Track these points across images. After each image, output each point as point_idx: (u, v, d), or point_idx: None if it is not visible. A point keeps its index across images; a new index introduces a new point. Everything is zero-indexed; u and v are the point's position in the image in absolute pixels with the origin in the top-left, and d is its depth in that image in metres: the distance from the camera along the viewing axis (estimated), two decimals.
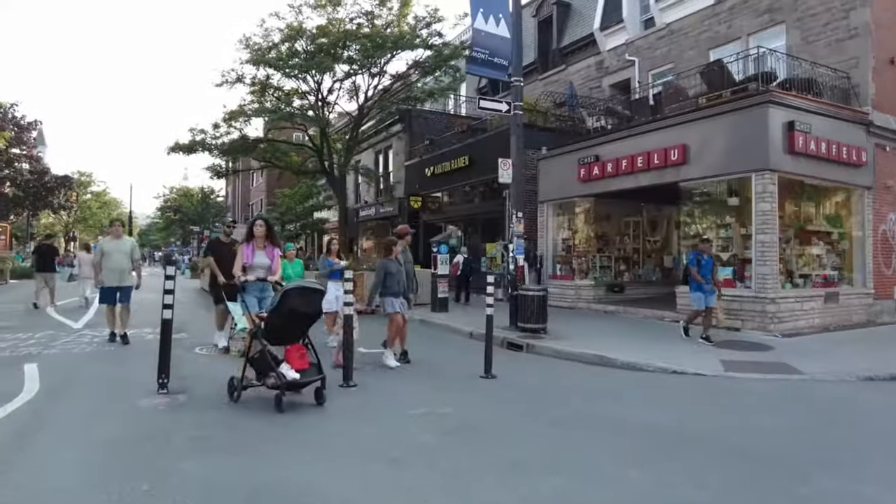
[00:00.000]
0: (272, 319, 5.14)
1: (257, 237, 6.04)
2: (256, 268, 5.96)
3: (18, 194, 37.75)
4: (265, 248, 6.09)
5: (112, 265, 8.55)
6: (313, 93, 19.81)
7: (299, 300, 5.06)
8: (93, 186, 57.35)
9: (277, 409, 4.94)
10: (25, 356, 7.58)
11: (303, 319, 5.24)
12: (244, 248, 6.03)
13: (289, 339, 5.26)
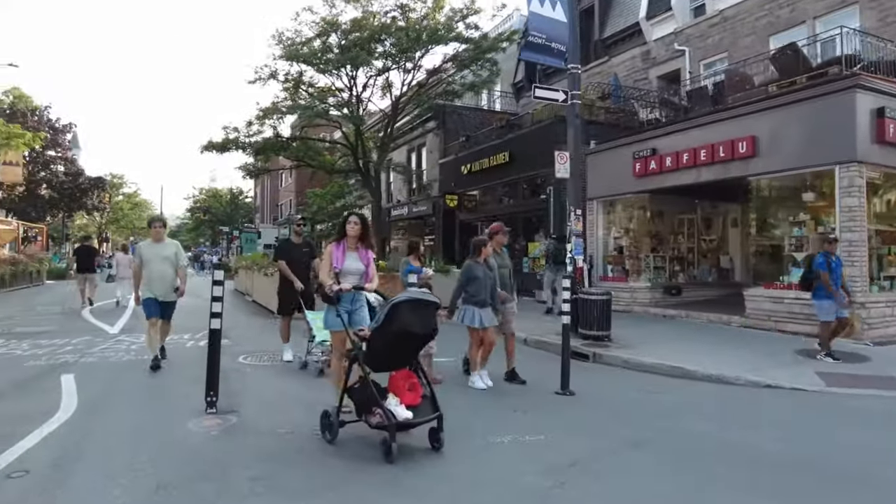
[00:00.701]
0: (376, 340, 4.09)
1: (349, 236, 4.98)
2: (348, 274, 4.92)
3: (54, 196, 38.21)
4: (357, 249, 5.04)
5: (153, 274, 7.03)
6: (347, 89, 19.30)
7: (412, 317, 4.00)
8: (125, 188, 57.99)
9: (386, 457, 3.86)
10: (62, 365, 7.12)
11: (414, 341, 4.21)
12: (333, 249, 4.96)
13: (395, 363, 4.22)
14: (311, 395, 5.75)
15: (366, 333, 4.20)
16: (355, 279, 4.93)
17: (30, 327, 10.60)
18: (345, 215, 5.16)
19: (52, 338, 9.18)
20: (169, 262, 7.12)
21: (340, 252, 4.95)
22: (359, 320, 4.93)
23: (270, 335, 10.28)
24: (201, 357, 7.54)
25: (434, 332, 4.25)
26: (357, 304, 5.05)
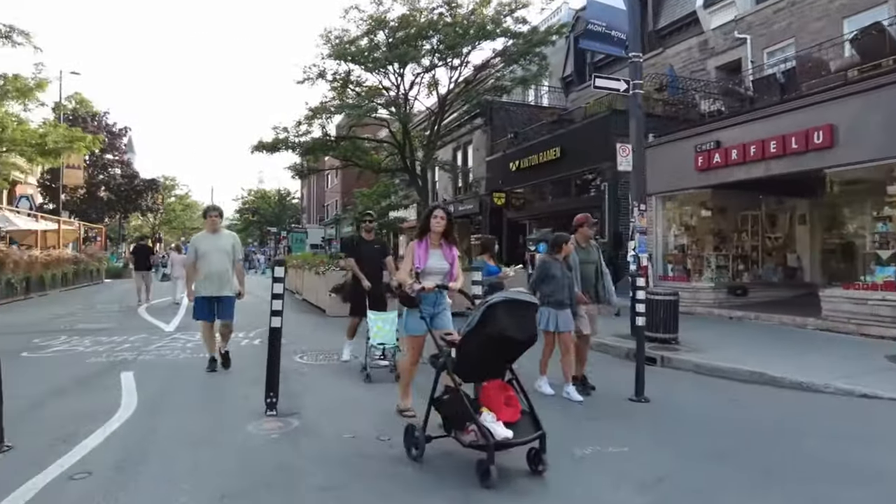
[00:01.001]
0: (468, 345, 3.60)
1: (433, 232, 4.57)
2: (431, 273, 4.49)
3: (111, 198, 39.62)
4: (441, 246, 4.63)
5: (208, 268, 6.45)
6: (394, 87, 19.17)
7: (510, 320, 3.45)
8: (176, 190, 59.72)
9: (483, 481, 3.36)
10: (122, 362, 7.12)
11: (511, 347, 3.64)
12: (416, 246, 4.56)
13: (487, 373, 3.70)
14: (371, 397, 5.54)
15: (455, 338, 3.76)
16: (438, 279, 4.49)
17: (91, 324, 10.80)
18: (429, 208, 4.73)
19: (111, 335, 9.29)
20: (225, 255, 6.52)
21: (423, 250, 4.53)
22: (442, 324, 4.50)
23: (323, 333, 10.18)
24: (256, 356, 7.46)
25: (533, 338, 3.70)
26: (440, 307, 4.61)
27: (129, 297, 16.69)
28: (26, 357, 7.49)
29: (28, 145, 19.90)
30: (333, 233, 48.88)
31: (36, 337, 9.00)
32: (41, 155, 20.53)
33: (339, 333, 10.59)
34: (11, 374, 6.44)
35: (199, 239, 6.68)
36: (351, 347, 7.33)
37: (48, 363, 7.18)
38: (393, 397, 5.32)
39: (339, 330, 10.88)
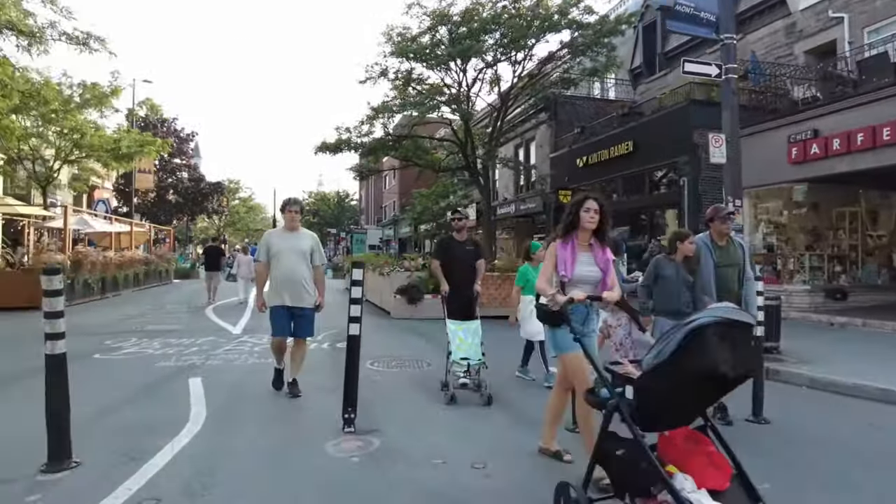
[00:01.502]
0: (658, 384, 2.49)
1: (583, 229, 3.57)
2: (581, 283, 3.50)
3: (179, 200, 41.09)
4: (592, 247, 3.62)
5: (283, 272, 5.41)
6: (456, 84, 18.73)
7: (726, 351, 2.37)
8: (240, 192, 61.51)
9: None
10: (189, 367, 6.90)
11: (721, 388, 2.63)
12: (559, 248, 3.55)
13: (678, 419, 2.66)
14: (455, 415, 5.02)
15: (629, 371, 2.70)
16: (589, 290, 3.49)
17: (160, 325, 10.81)
18: (578, 198, 3.65)
19: (179, 337, 9.19)
20: (303, 259, 5.47)
21: (569, 253, 3.51)
22: (590, 346, 3.47)
23: (390, 336, 9.80)
24: (326, 361, 7.09)
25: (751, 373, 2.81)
26: (589, 325, 3.62)
27: (196, 297, 17.01)
28: (98, 359, 7.41)
29: (104, 151, 20.62)
30: (391, 234, 49.07)
31: (108, 338, 9.00)
32: (115, 160, 21.23)
33: (407, 336, 10.32)
34: (83, 377, 6.38)
35: (272, 236, 5.67)
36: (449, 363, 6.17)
37: (118, 366, 7.05)
38: (479, 417, 4.84)
39: (405, 332, 10.56)
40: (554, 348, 3.75)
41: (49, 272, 3.40)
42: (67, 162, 20.90)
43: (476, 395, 5.50)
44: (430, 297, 12.41)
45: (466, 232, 6.48)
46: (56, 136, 19.88)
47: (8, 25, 11.29)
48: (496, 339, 6.52)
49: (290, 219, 5.60)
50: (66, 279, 14.38)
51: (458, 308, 6.02)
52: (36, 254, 15.12)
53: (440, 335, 9.93)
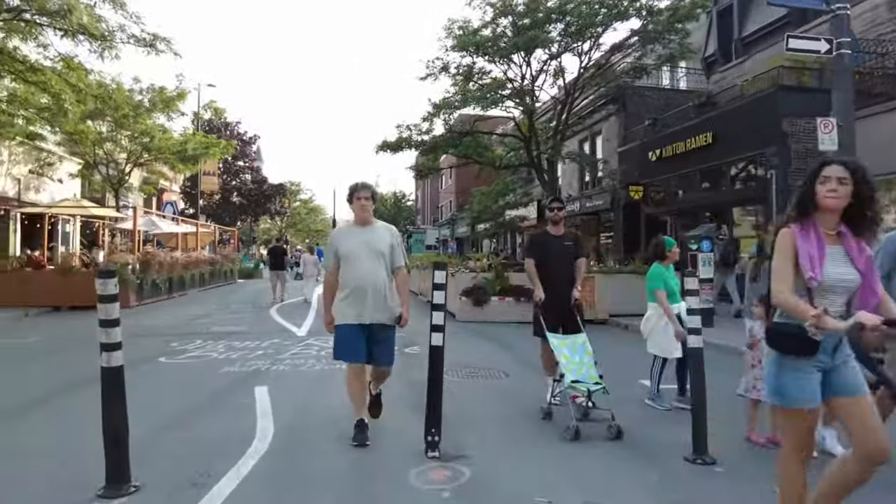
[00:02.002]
0: None
1: (826, 210, 2.46)
2: (834, 288, 2.42)
3: (243, 202, 42.07)
4: (842, 236, 2.48)
5: (355, 279, 4.16)
6: (519, 77, 18.04)
7: None
8: (301, 194, 62.65)
9: None
10: (254, 373, 6.55)
11: None
12: (797, 238, 2.44)
13: None
14: (550, 439, 4.36)
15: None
16: (843, 298, 2.44)
17: (225, 326, 10.66)
18: (818, 163, 2.54)
19: (244, 339, 8.95)
20: (380, 259, 4.19)
21: (813, 244, 2.42)
22: (846, 385, 2.44)
23: (458, 342, 9.22)
24: (396, 368, 6.59)
25: None
26: (841, 357, 2.45)
27: (260, 297, 17.09)
28: (163, 363, 7.19)
29: (171, 153, 21.09)
30: (448, 233, 48.71)
31: (174, 340, 8.85)
32: (182, 162, 21.71)
33: (476, 341, 9.65)
34: (148, 383, 6.11)
35: (340, 235, 4.44)
36: (560, 388, 4.91)
37: (183, 371, 6.79)
38: (584, 446, 4.16)
39: (473, 337, 9.91)
40: (773, 393, 2.55)
41: (104, 274, 3.00)
42: (138, 165, 21.50)
43: (602, 427, 4.35)
44: (496, 300, 11.80)
45: (563, 225, 5.34)
46: (128, 139, 20.45)
47: (80, 30, 11.41)
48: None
49: (360, 208, 4.28)
50: (135, 279, 14.65)
51: (557, 317, 5.03)
52: (109, 254, 15.45)
53: (511, 339, 9.43)
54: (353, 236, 4.34)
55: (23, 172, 19.43)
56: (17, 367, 7.20)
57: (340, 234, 4.48)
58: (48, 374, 6.67)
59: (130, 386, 3.33)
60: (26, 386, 6.02)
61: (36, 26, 11.95)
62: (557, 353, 4.69)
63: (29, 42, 12.35)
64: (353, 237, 4.33)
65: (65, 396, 5.52)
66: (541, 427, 4.63)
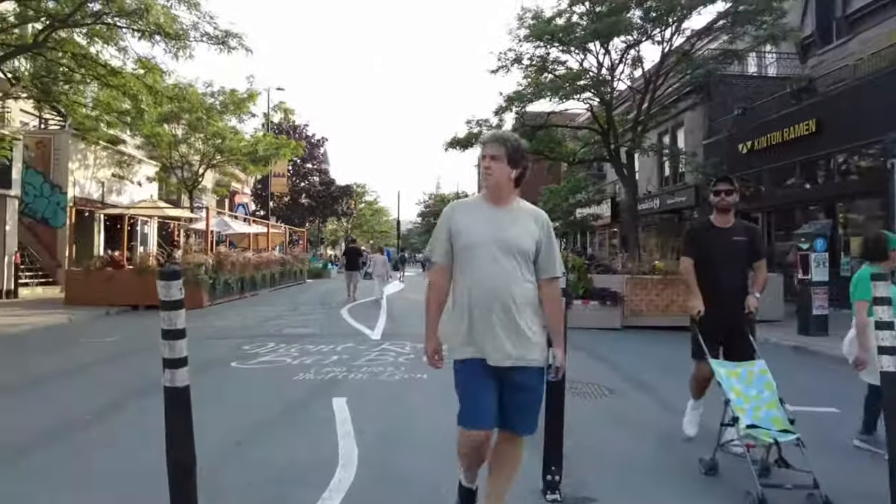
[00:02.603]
0: None
1: None
2: None
3: (311, 204, 42.69)
4: None
5: (472, 283, 2.58)
6: (596, 67, 17.03)
7: None
8: (366, 196, 63.22)
9: None
10: (331, 382, 6.05)
11: None
12: None
13: None
14: (694, 483, 3.55)
15: None
16: None
17: (297, 328, 10.34)
18: None
19: (317, 343, 8.53)
20: (518, 262, 2.58)
21: None
22: None
23: None
24: None
25: None
26: None
27: (329, 296, 17.03)
28: (235, 368, 6.83)
29: (242, 154, 21.34)
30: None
31: (246, 342, 8.55)
32: (253, 163, 21.95)
33: (570, 349, 8.59)
34: (221, 392, 5.71)
35: (461, 210, 2.74)
36: (699, 413, 4.17)
37: (255, 379, 6.40)
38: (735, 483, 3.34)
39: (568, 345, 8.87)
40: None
41: (167, 276, 2.47)
42: (211, 166, 21.90)
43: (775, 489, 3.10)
44: (579, 304, 10.94)
45: (733, 215, 4.07)
46: (201, 141, 20.84)
47: (157, 29, 11.42)
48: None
49: (488, 172, 2.61)
50: (209, 279, 14.71)
51: (720, 335, 3.89)
52: (184, 254, 15.63)
53: (600, 348, 8.37)
54: (478, 217, 2.63)
55: (106, 176, 20.13)
56: (100, 366, 7.04)
57: (461, 209, 2.72)
58: (122, 376, 6.43)
59: (199, 394, 2.81)
60: (102, 388, 5.76)
61: (115, 29, 12.08)
62: (725, 385, 3.48)
63: (109, 46, 12.53)
64: (479, 219, 2.62)
65: (142, 398, 5.19)
66: (682, 468, 3.73)
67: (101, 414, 4.87)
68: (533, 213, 2.71)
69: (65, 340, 9.18)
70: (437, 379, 6.11)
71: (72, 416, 4.76)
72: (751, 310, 3.81)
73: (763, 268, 4.07)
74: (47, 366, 7.11)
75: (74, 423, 4.58)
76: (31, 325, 10.95)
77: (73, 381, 6.33)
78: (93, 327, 10.96)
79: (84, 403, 5.16)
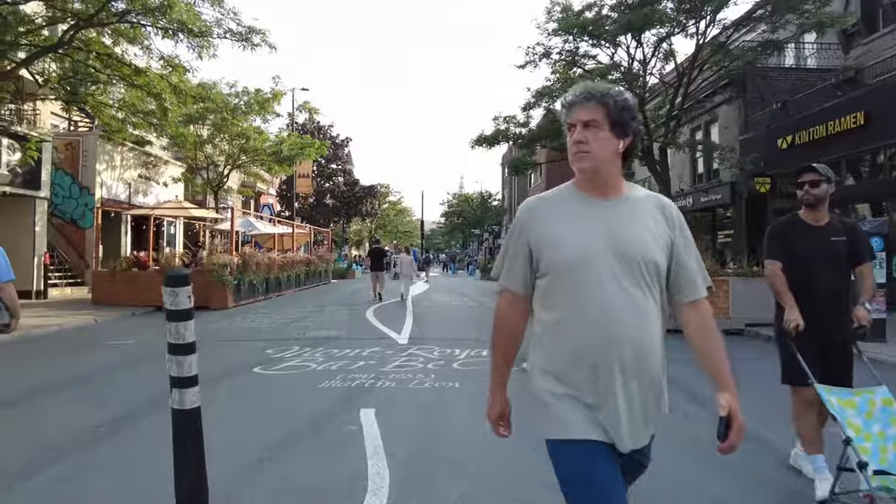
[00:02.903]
0: None
1: None
2: None
3: (336, 204, 42.64)
4: None
5: (579, 321, 1.61)
6: (627, 61, 16.48)
7: None
8: (390, 196, 63.10)
9: None
10: (358, 390, 5.71)
11: None
12: None
13: None
14: None
15: None
16: None
17: (322, 330, 10.06)
18: None
19: (342, 347, 8.21)
20: (643, 280, 1.63)
21: None
22: None
23: None
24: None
25: None
26: None
27: (355, 297, 16.91)
28: (258, 374, 6.54)
29: (266, 154, 21.24)
30: None
31: (270, 346, 8.28)
32: (277, 163, 21.83)
33: None
34: (240, 398, 5.39)
35: (541, 210, 1.77)
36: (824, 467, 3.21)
37: (279, 385, 6.09)
38: None
39: None
40: None
41: (173, 281, 2.14)
42: (236, 167, 21.84)
43: None
44: None
45: (827, 211, 3.44)
46: (226, 142, 20.79)
47: (180, 27, 11.27)
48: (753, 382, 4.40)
49: (582, 149, 1.66)
50: (233, 280, 14.57)
51: (821, 356, 3.25)
52: (209, 255, 15.51)
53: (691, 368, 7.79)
54: (576, 217, 1.71)
55: (133, 177, 20.20)
56: (120, 370, 6.83)
57: (546, 209, 1.78)
58: (142, 383, 6.18)
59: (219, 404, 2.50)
60: (119, 396, 5.52)
61: (139, 28, 11.97)
62: (839, 418, 2.84)
63: (134, 45, 12.44)
64: (578, 220, 1.71)
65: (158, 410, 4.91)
66: None
67: (115, 426, 4.59)
68: (656, 201, 1.77)
69: (87, 342, 9.04)
70: (469, 387, 5.74)
71: (84, 426, 4.49)
72: (862, 324, 3.19)
73: (870, 272, 3.43)
74: (69, 369, 6.93)
75: (83, 436, 4.30)
76: (58, 325, 10.88)
77: (91, 387, 6.12)
78: (117, 328, 10.84)
79: (100, 413, 4.89)
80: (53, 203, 18.22)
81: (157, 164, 21.13)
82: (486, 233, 62.44)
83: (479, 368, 6.54)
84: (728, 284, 10.94)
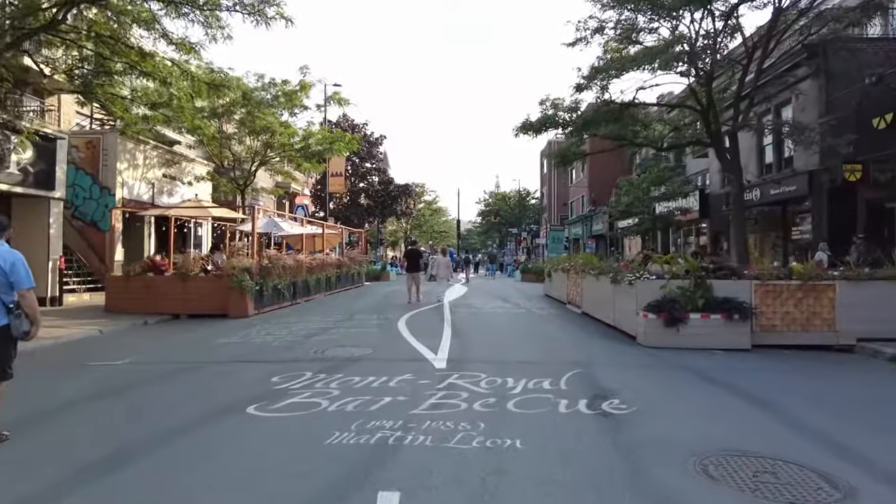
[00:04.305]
0: None
1: None
2: None
3: (370, 204, 41.45)
4: None
5: None
6: (693, 34, 14.48)
7: None
8: (425, 196, 61.71)
9: None
10: (377, 449, 4.09)
11: None
12: None
13: None
14: None
15: None
16: None
17: (344, 348, 8.51)
18: None
19: (365, 373, 6.61)
20: None
21: None
22: None
23: (672, 385, 6.26)
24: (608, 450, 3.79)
25: None
26: None
27: (388, 301, 15.70)
28: (251, 418, 4.96)
29: (293, 149, 19.95)
30: (580, 232, 44.85)
31: (278, 370, 6.76)
32: (306, 159, 20.52)
33: (703, 388, 6.11)
34: (222, 461, 3.92)
35: None
36: None
37: (275, 437, 4.50)
38: None
39: (689, 378, 6.34)
40: None
41: None
42: (263, 164, 20.63)
43: None
44: (698, 318, 8.60)
45: None
46: (251, 137, 19.59)
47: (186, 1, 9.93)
48: None
49: None
50: (254, 285, 13.23)
51: None
52: (228, 258, 14.25)
53: (750, 385, 5.99)
54: None
55: (156, 176, 19.20)
56: (76, 409, 5.40)
57: None
58: (99, 428, 4.73)
59: (191, 466, 0.92)
60: (52, 456, 4.05)
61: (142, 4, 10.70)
62: None
63: (139, 26, 11.19)
64: None
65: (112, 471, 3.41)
66: None
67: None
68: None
69: (65, 363, 7.69)
70: (535, 446, 4.06)
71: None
72: None
73: None
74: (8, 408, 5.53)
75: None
76: (55, 339, 9.67)
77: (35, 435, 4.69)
78: (120, 342, 9.58)
79: (21, 482, 3.42)
80: (74, 204, 17.32)
81: (181, 162, 20.09)
82: (523, 232, 60.45)
83: (544, 412, 4.87)
84: (833, 290, 8.96)
